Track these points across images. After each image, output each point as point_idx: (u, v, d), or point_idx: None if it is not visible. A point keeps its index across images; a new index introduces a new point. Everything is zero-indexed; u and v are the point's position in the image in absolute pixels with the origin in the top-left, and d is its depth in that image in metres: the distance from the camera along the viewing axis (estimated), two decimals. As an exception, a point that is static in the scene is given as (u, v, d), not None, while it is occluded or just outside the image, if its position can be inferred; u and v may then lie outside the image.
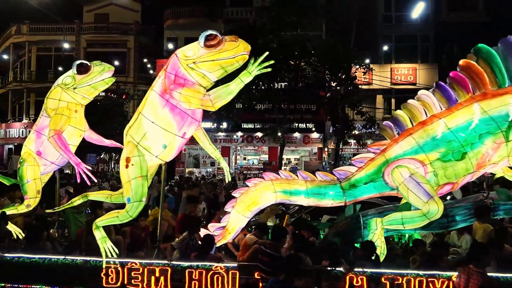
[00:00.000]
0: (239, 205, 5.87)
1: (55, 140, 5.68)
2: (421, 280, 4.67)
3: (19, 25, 29.62)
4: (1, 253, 5.43)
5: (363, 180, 5.69)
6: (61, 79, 6.16)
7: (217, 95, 4.78)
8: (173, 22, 27.21)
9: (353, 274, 4.71)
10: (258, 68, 4.69)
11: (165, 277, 4.89)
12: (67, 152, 5.71)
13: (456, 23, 25.72)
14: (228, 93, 4.77)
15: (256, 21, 19.95)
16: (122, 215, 5.13)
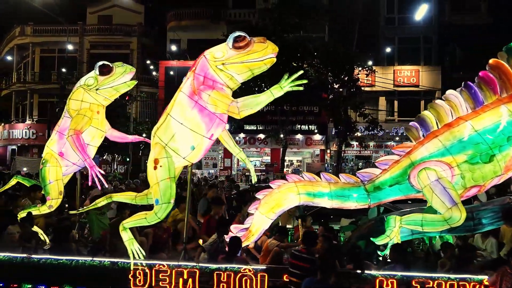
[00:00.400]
0: (262, 206, 5.84)
1: (73, 140, 5.72)
2: (452, 284, 4.63)
3: (23, 26, 29.76)
4: (28, 254, 5.40)
5: (388, 182, 5.64)
6: (83, 80, 6.17)
7: (245, 103, 4.76)
8: (176, 24, 27.29)
9: (383, 277, 4.69)
10: (290, 85, 4.65)
11: (193, 279, 4.86)
12: (83, 153, 5.75)
13: (459, 25, 25.67)
14: (256, 104, 4.77)
15: (259, 23, 19.97)
16: (150, 216, 5.08)
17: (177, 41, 27.06)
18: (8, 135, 30.40)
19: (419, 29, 25.85)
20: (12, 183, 7.68)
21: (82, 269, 5.10)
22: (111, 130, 6.59)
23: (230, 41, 4.77)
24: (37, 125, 29.16)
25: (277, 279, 4.87)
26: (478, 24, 25.57)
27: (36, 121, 29.74)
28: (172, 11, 27.66)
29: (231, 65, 4.84)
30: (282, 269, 5.03)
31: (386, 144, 26.73)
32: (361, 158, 27.43)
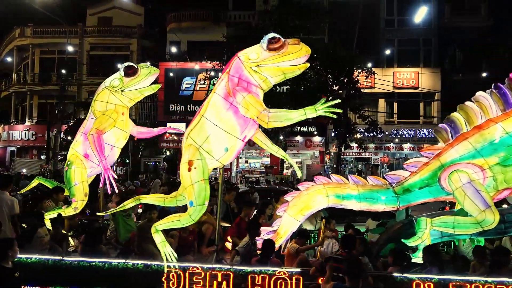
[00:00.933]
0: (291, 209, 5.84)
1: (94, 139, 5.75)
2: (489, 287, 4.58)
3: (22, 28, 29.80)
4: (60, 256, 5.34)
5: (417, 184, 5.61)
6: (108, 81, 6.16)
7: (276, 115, 4.74)
8: (176, 26, 27.32)
9: (419, 280, 4.64)
10: (325, 109, 4.63)
11: (227, 282, 4.80)
12: (101, 154, 5.76)
13: (459, 27, 25.72)
14: (286, 118, 4.76)
15: (259, 24, 19.98)
16: (184, 218, 5.03)
17: (177, 43, 27.09)
18: (8, 136, 30.42)
19: (419, 31, 25.90)
20: (34, 184, 7.65)
21: (115, 271, 5.03)
22: (135, 128, 6.62)
23: (265, 42, 4.76)
24: (37, 127, 29.16)
25: (312, 282, 4.83)
26: (478, 26, 25.63)
27: (35, 122, 29.74)
28: (172, 12, 27.69)
29: (265, 68, 4.84)
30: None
31: (385, 146, 26.74)
32: (360, 160, 27.43)
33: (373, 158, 27.05)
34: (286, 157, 5.64)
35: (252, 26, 20.45)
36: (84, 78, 28.20)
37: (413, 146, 26.48)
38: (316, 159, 26.30)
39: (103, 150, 5.80)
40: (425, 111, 26.68)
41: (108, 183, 5.68)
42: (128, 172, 22.51)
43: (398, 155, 27.73)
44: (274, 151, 5.58)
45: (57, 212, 6.31)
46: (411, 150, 26.64)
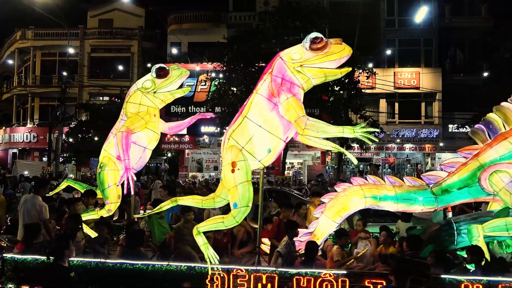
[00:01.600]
0: (329, 210, 5.79)
1: (122, 136, 5.77)
2: None
3: (24, 30, 29.90)
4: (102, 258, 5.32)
5: (456, 185, 5.55)
6: (140, 83, 6.17)
7: (313, 124, 4.73)
8: (177, 27, 27.37)
9: (468, 282, 4.54)
10: (362, 134, 4.66)
11: (271, 284, 4.75)
12: (126, 153, 5.77)
13: (459, 28, 25.72)
14: (323, 131, 4.76)
15: (259, 25, 20.01)
16: (228, 220, 5.01)
17: (177, 44, 27.13)
18: (9, 138, 30.49)
19: (420, 31, 25.89)
20: (63, 187, 7.65)
21: (158, 274, 4.98)
22: (166, 125, 6.61)
23: (307, 42, 4.74)
24: (38, 129, 29.22)
25: (359, 284, 4.73)
26: (478, 26, 25.61)
27: (37, 124, 29.80)
28: (172, 14, 27.74)
29: (308, 68, 4.83)
30: (363, 274, 4.95)
31: (387, 146, 26.71)
32: (362, 160, 27.36)
33: (374, 159, 27.03)
34: (341, 150, 5.44)
35: (252, 28, 20.47)
36: (85, 80, 28.28)
37: (414, 146, 26.46)
38: (318, 159, 26.29)
39: (129, 149, 5.80)
40: (426, 111, 26.65)
41: (126, 183, 5.69)
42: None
43: (399, 155, 27.73)
44: (330, 146, 5.39)
45: (90, 215, 6.29)
46: (413, 150, 26.63)
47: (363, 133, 4.63)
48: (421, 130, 25.98)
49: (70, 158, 24.31)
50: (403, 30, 26.48)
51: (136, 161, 6.22)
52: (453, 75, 25.61)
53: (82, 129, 23.98)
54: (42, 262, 5.00)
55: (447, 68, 26.22)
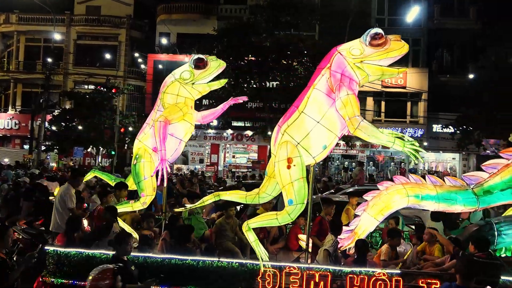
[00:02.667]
0: (371, 208, 5.71)
1: (160, 126, 5.68)
2: None
3: (8, 14, 29.04)
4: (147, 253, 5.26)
5: (499, 186, 5.51)
6: (178, 74, 6.07)
7: (366, 126, 4.71)
8: (166, 17, 26.98)
9: None
10: (410, 149, 4.72)
11: (324, 282, 4.72)
12: (163, 143, 5.69)
13: (448, 29, 26.00)
14: (374, 136, 4.77)
15: (250, 19, 19.88)
16: (282, 217, 4.90)
17: (166, 35, 26.77)
18: (-10, 125, 29.74)
19: (409, 30, 26.05)
20: (90, 176, 7.50)
21: (209, 270, 4.93)
22: (199, 114, 6.54)
23: (367, 38, 4.69)
24: (20, 116, 28.57)
25: (413, 284, 4.78)
26: (466, 28, 25.93)
27: (19, 111, 29.10)
28: (162, 4, 27.33)
29: (368, 65, 4.80)
30: (417, 274, 5.01)
31: (372, 144, 26.96)
32: (347, 157, 27.62)
33: (359, 156, 27.27)
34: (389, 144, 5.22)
35: (243, 21, 20.33)
36: (70, 68, 27.67)
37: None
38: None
39: (165, 140, 5.73)
40: (411, 110, 26.98)
41: (160, 175, 5.63)
42: (113, 164, 22.26)
43: (384, 153, 28.05)
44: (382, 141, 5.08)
45: (124, 207, 6.17)
46: (397, 149, 26.91)
47: (411, 148, 4.67)
48: (406, 129, 26.27)
49: (53, 146, 23.84)
50: (393, 30, 26.57)
51: (172, 153, 6.12)
52: (439, 75, 25.93)
53: (65, 118, 23.49)
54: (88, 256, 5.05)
55: (434, 69, 26.53)
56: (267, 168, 5.59)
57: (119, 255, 4.37)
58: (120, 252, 4.38)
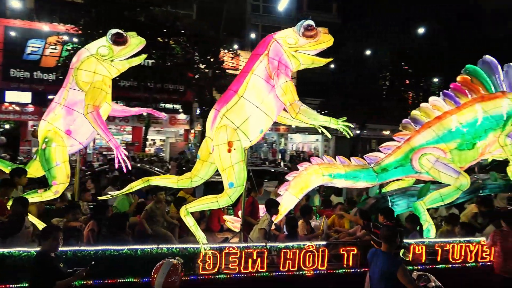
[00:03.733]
0: (293, 187, 6.33)
1: (94, 117, 5.24)
2: (461, 245, 5.89)
3: None
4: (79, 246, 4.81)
5: (393, 164, 6.57)
6: (94, 49, 5.56)
7: (306, 110, 4.98)
8: (20, -23, 23.22)
9: (415, 244, 5.61)
10: (343, 125, 5.12)
11: (261, 259, 5.06)
12: (107, 131, 5.30)
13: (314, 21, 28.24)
14: (314, 118, 5.04)
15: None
16: (222, 199, 4.99)
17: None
18: None
19: (281, 19, 27.61)
20: None
21: (148, 258, 4.71)
22: (112, 104, 6.06)
23: (301, 29, 5.00)
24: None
25: (334, 252, 5.44)
26: (329, 22, 28.61)
27: None
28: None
29: (302, 54, 5.08)
30: (338, 243, 5.68)
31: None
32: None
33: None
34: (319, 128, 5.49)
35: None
36: None
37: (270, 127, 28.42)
38: (181, 137, 26.14)
39: (107, 127, 5.34)
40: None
41: (122, 162, 5.23)
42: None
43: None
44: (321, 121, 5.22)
45: (31, 197, 5.45)
46: (269, 130, 28.60)
47: (344, 126, 5.12)
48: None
49: None
50: (267, 17, 27.88)
51: (87, 137, 5.78)
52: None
53: None
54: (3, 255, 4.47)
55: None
56: (199, 152, 5.57)
57: (47, 251, 3.91)
58: (47, 248, 3.91)
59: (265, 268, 5.07)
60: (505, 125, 6.42)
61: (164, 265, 3.90)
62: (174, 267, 3.92)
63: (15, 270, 4.41)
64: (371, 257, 4.28)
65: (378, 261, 4.13)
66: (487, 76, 6.60)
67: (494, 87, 6.59)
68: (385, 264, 4.02)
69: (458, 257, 5.88)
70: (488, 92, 6.56)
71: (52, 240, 3.89)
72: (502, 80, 6.63)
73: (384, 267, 4.01)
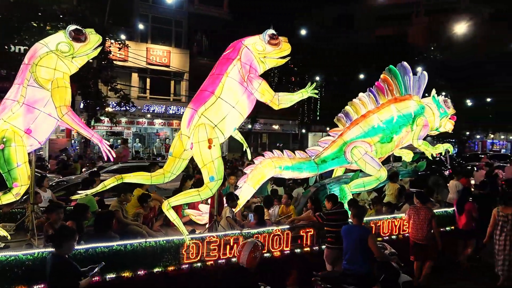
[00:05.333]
0: (251, 180, 7.08)
1: (71, 117, 5.31)
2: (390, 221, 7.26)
3: None
4: None
5: (330, 157, 7.68)
6: (52, 45, 5.42)
7: (284, 98, 5.72)
8: None
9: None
10: (312, 92, 5.93)
11: (237, 244, 5.56)
12: (87, 128, 5.49)
13: (206, 16, 28.34)
14: (291, 101, 5.81)
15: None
16: (204, 192, 5.41)
17: None
18: None
19: (172, 12, 27.02)
20: None
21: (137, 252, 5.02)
22: None
23: (266, 37, 5.60)
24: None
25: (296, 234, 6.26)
26: (221, 17, 28.95)
27: None
28: None
29: (269, 59, 5.75)
30: (301, 226, 6.42)
31: (138, 121, 26.96)
32: (112, 134, 26.70)
33: (125, 133, 26.83)
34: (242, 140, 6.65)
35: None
36: None
37: (163, 122, 27.79)
38: (62, 132, 23.85)
39: (85, 124, 5.51)
40: (175, 89, 28.34)
41: (109, 154, 5.42)
42: None
43: (150, 130, 28.53)
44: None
45: None
46: (162, 125, 27.93)
47: (312, 91, 5.93)
48: (170, 106, 27.52)
49: None
50: (157, 8, 26.97)
51: (47, 136, 5.69)
52: (199, 58, 28.16)
53: None
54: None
55: (194, 51, 28.56)
56: (171, 149, 5.95)
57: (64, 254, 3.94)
58: (66, 251, 3.95)
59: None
60: (413, 123, 7.85)
61: (248, 244, 5.12)
62: (256, 246, 5.11)
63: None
64: (344, 232, 5.41)
65: (353, 233, 5.29)
66: (401, 78, 7.91)
67: (405, 89, 7.96)
68: (360, 232, 5.29)
69: (387, 231, 7.23)
70: (400, 93, 7.92)
71: (71, 242, 3.97)
72: (412, 84, 8.00)
73: (360, 235, 5.24)
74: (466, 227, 7.58)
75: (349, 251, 5.23)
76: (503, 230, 6.66)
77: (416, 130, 7.83)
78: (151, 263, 5.10)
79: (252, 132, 28.60)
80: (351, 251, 5.20)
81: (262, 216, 6.90)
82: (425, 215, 6.67)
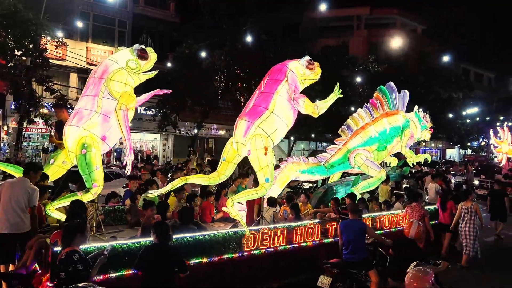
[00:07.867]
0: (278, 181, 8.47)
1: (123, 115, 5.92)
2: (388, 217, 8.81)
3: None
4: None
5: (337, 162, 9.26)
6: (122, 61, 6.22)
7: (321, 107, 7.02)
8: None
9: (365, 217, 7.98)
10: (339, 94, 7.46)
11: (283, 235, 6.82)
12: (128, 131, 5.98)
13: (151, 17, 27.71)
14: (326, 107, 7.14)
15: None
16: (261, 191, 6.49)
17: None
18: None
19: (115, 11, 26.07)
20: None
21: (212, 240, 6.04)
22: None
23: (305, 62, 6.89)
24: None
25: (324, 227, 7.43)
26: (166, 20, 28.43)
27: None
28: None
29: (307, 81, 7.00)
30: (330, 219, 7.68)
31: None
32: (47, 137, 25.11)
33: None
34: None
35: None
36: None
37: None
38: (-11, 135, 22.01)
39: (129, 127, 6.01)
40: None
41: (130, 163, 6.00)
42: None
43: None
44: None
45: (71, 199, 5.96)
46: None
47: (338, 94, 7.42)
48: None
49: None
50: (99, 6, 25.90)
51: (115, 142, 6.44)
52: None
53: None
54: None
55: (138, 54, 27.72)
56: (224, 154, 6.93)
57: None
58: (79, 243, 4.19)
59: (284, 242, 6.82)
60: (402, 134, 9.40)
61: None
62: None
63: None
64: (344, 227, 6.29)
65: (353, 227, 6.21)
66: (389, 96, 9.51)
67: (392, 105, 9.56)
68: (359, 225, 6.25)
69: (388, 225, 8.72)
70: (389, 108, 9.48)
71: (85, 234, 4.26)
72: (397, 101, 9.65)
73: (359, 227, 6.21)
74: (447, 222, 9.36)
75: (352, 242, 6.10)
76: (464, 219, 8.69)
77: (403, 140, 9.47)
78: (221, 248, 6.11)
79: (198, 137, 28.28)
80: (354, 242, 6.09)
81: (298, 212, 8.26)
82: (418, 212, 8.42)
